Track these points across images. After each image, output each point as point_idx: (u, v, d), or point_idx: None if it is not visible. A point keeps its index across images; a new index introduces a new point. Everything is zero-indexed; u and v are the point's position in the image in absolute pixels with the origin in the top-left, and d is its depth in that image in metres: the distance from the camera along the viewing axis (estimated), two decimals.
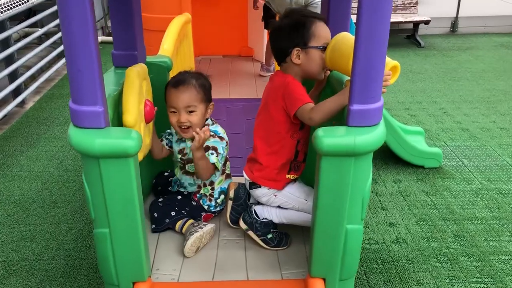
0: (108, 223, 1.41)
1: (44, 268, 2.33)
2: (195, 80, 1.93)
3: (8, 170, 3.24)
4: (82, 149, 1.31)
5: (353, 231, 1.46)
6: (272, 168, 1.85)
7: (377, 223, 2.67)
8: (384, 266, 2.34)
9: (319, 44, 1.76)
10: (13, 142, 3.65)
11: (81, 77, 1.25)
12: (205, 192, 2.07)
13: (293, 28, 1.76)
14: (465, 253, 2.42)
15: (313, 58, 1.77)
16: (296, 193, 1.89)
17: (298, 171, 1.90)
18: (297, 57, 1.76)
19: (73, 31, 1.21)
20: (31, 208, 2.82)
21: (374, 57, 1.26)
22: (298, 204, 1.89)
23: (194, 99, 1.91)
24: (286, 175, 1.87)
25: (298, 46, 1.75)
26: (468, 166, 3.27)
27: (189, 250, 1.82)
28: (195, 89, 1.92)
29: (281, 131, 1.80)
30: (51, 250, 2.46)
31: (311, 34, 1.74)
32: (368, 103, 1.32)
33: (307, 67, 1.79)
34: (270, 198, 1.90)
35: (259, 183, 1.88)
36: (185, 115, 1.91)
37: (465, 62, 5.62)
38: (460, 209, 2.79)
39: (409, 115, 4.13)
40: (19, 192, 2.98)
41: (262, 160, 1.85)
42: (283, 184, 1.88)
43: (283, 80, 1.79)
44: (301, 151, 1.87)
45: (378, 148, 1.40)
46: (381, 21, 1.22)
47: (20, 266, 2.35)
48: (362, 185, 1.40)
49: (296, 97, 1.71)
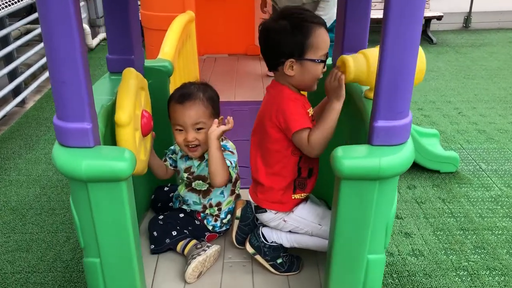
0: (99, 252, 1.26)
1: (40, 282, 2.21)
2: (202, 94, 1.74)
3: (6, 174, 3.12)
4: (67, 171, 1.16)
5: (375, 261, 1.31)
6: (276, 190, 1.67)
7: (392, 233, 2.51)
8: (400, 280, 2.19)
9: (316, 57, 1.54)
10: (12, 144, 3.53)
11: (65, 90, 1.10)
12: (211, 212, 1.92)
13: (290, 34, 1.51)
14: (486, 267, 2.27)
15: (308, 71, 1.55)
16: (308, 217, 1.70)
17: (304, 189, 1.71)
18: (290, 68, 1.55)
19: (54, 36, 1.05)
20: (28, 215, 2.69)
21: (402, 66, 1.10)
22: (311, 229, 1.71)
23: (202, 115, 1.73)
24: (292, 195, 1.69)
25: (293, 56, 1.53)
26: (486, 170, 3.11)
27: (191, 275, 1.67)
28: (203, 104, 1.73)
29: (280, 150, 1.62)
30: (47, 261, 2.33)
31: (309, 44, 1.51)
32: (395, 119, 1.16)
33: (300, 80, 1.58)
34: (279, 224, 1.73)
35: (264, 206, 1.70)
36: (193, 133, 1.74)
37: (479, 59, 5.44)
38: (479, 218, 2.63)
39: (423, 116, 3.96)
40: (16, 198, 2.86)
41: (263, 182, 1.68)
42: (291, 206, 1.70)
43: (278, 93, 1.59)
44: (304, 167, 1.67)
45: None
46: (412, 25, 1.06)
47: (15, 279, 2.23)
48: (386, 211, 1.25)
49: (294, 118, 1.53)
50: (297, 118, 1.53)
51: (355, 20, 1.66)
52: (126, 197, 1.21)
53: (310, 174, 1.70)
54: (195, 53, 3.27)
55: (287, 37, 1.51)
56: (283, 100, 1.56)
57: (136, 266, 1.31)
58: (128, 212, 1.23)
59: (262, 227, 1.78)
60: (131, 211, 1.26)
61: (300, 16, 1.55)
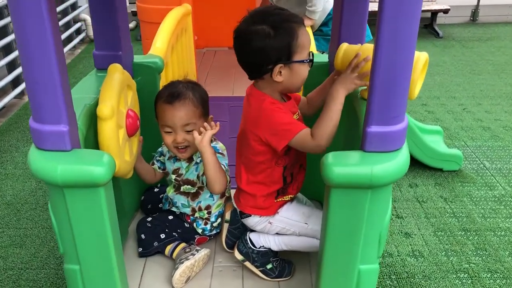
0: (78, 259, 1.21)
1: (32, 278, 2.18)
2: (192, 93, 1.66)
3: (2, 168, 3.09)
4: (42, 176, 1.10)
5: (368, 271, 1.25)
6: (259, 196, 1.60)
7: (392, 233, 2.46)
8: (399, 282, 2.14)
9: (304, 57, 1.44)
10: (9, 137, 3.50)
11: (39, 90, 1.04)
12: (200, 215, 1.86)
13: (275, 38, 1.38)
14: (487, 269, 2.21)
15: (296, 73, 1.45)
16: (294, 217, 1.64)
17: (286, 193, 1.65)
18: (278, 74, 1.44)
19: (25, 32, 0.98)
20: (22, 210, 2.66)
21: (398, 67, 1.02)
22: (298, 229, 1.65)
23: (192, 115, 1.65)
24: (275, 199, 1.63)
25: (281, 61, 1.41)
26: (490, 169, 3.04)
27: (178, 281, 1.62)
28: (193, 104, 1.65)
29: (263, 161, 1.54)
30: (40, 258, 2.30)
31: (296, 46, 1.41)
32: (390, 124, 1.09)
33: (288, 84, 1.48)
34: (265, 227, 1.67)
35: (247, 212, 1.64)
36: (182, 135, 1.66)
37: (486, 54, 5.33)
38: (482, 218, 2.57)
39: (427, 112, 3.89)
40: (12, 192, 2.83)
41: (246, 189, 1.61)
42: (275, 209, 1.64)
43: (259, 104, 1.47)
44: (288, 176, 1.60)
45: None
46: (409, 22, 0.98)
47: (7, 275, 2.20)
48: (379, 221, 1.19)
49: (284, 128, 1.42)
50: (288, 127, 1.43)
51: (352, 13, 1.58)
52: (104, 204, 1.15)
53: (292, 179, 1.64)
54: (191, 47, 3.19)
55: (273, 41, 1.39)
56: (265, 111, 1.45)
57: (117, 274, 1.26)
58: (107, 219, 1.17)
59: (249, 232, 1.73)
60: (111, 218, 1.20)
61: (279, 16, 1.43)
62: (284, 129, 1.42)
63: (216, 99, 2.69)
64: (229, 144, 2.77)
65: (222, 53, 4.56)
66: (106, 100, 1.29)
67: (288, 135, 1.41)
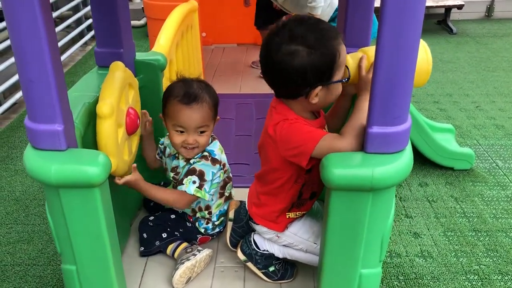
0: (75, 260, 1.21)
1: (39, 275, 2.19)
2: (208, 96, 1.64)
3: (12, 164, 3.11)
4: (37, 176, 1.10)
5: (369, 276, 1.22)
6: (271, 209, 1.56)
7: (400, 233, 2.43)
8: (406, 283, 2.11)
9: (342, 75, 1.35)
10: (20, 133, 3.52)
11: (33, 89, 1.02)
12: (202, 215, 1.84)
13: (317, 60, 1.26)
14: (498, 271, 2.16)
15: (332, 93, 1.36)
16: (304, 235, 1.59)
17: (301, 208, 1.58)
18: (315, 96, 1.33)
19: (18, 28, 0.96)
20: (31, 206, 2.68)
21: (400, 66, 0.98)
22: (305, 247, 1.61)
23: (207, 118, 1.63)
24: (287, 214, 1.57)
25: (321, 83, 1.31)
26: (503, 168, 2.98)
27: (178, 281, 1.61)
28: (209, 108, 1.63)
29: (282, 177, 1.47)
30: (47, 254, 2.31)
31: (337, 66, 1.30)
32: (392, 125, 1.05)
33: (321, 104, 1.38)
34: (272, 237, 1.64)
35: (257, 222, 1.61)
36: (194, 136, 1.64)
37: (501, 50, 5.23)
38: (493, 219, 2.52)
39: (438, 109, 3.82)
40: (21, 188, 2.85)
41: (260, 197, 1.57)
42: (284, 225, 1.59)
43: (281, 122, 1.37)
44: (306, 191, 1.53)
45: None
46: (412, 20, 0.95)
47: (15, 271, 2.21)
48: (381, 224, 1.15)
49: (304, 141, 1.31)
50: (308, 136, 1.32)
51: (357, 12, 1.53)
52: (100, 204, 1.14)
53: (312, 196, 1.57)
54: (197, 44, 3.17)
55: (314, 63, 1.27)
56: (285, 130, 1.36)
57: (114, 275, 1.25)
58: (103, 219, 1.16)
59: (254, 234, 1.71)
60: (107, 218, 1.19)
61: (320, 34, 1.29)
62: (304, 143, 1.32)
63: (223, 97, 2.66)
64: (235, 142, 2.75)
65: (231, 50, 4.54)
66: (106, 98, 1.27)
67: (308, 147, 1.30)
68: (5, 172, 3.02)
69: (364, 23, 1.53)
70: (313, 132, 1.33)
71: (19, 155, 3.21)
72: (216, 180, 1.72)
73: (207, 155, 1.69)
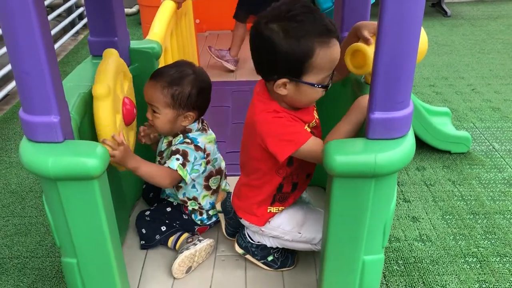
0: (75, 253, 1.19)
1: (38, 267, 2.18)
2: (169, 80, 1.61)
3: (6, 156, 3.08)
4: (34, 169, 1.08)
5: (372, 262, 1.22)
6: (251, 202, 1.53)
7: (399, 217, 2.43)
8: (406, 267, 2.12)
9: (317, 81, 1.25)
10: (13, 125, 3.49)
11: (28, 80, 1.00)
12: (192, 206, 1.83)
13: (287, 50, 1.19)
14: (496, 253, 2.18)
15: (303, 94, 1.29)
16: (286, 226, 1.56)
17: (284, 202, 1.55)
18: (282, 87, 1.28)
19: (11, 20, 0.93)
20: (27, 198, 2.66)
21: (403, 50, 0.96)
22: (291, 237, 1.59)
23: (156, 99, 1.62)
24: (268, 208, 1.53)
25: (287, 76, 1.25)
26: (500, 151, 2.98)
27: (177, 270, 1.60)
28: (160, 91, 1.61)
29: (262, 168, 1.43)
30: (46, 246, 2.30)
31: (311, 66, 1.22)
32: (394, 110, 1.03)
33: (293, 100, 1.32)
34: (258, 231, 1.63)
35: (239, 215, 1.58)
36: (150, 112, 1.66)
37: (495, 32, 5.21)
38: (491, 201, 2.53)
39: (434, 93, 3.81)
40: (16, 180, 2.82)
41: (241, 189, 1.55)
42: (265, 219, 1.55)
43: (262, 110, 1.33)
44: (287, 184, 1.49)
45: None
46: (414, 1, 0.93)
47: (13, 264, 2.20)
48: (384, 210, 1.15)
49: (287, 138, 1.27)
50: (292, 137, 1.28)
51: None
52: (99, 196, 1.12)
53: (293, 188, 1.53)
54: (192, 31, 3.13)
55: (282, 50, 1.20)
56: (268, 121, 1.31)
57: (115, 267, 1.24)
58: (103, 211, 1.15)
59: (247, 228, 1.69)
60: (107, 210, 1.18)
61: (301, 25, 1.19)
62: (288, 140, 1.28)
63: (218, 84, 2.63)
64: (232, 129, 2.73)
65: (225, 36, 4.48)
66: (102, 80, 1.25)
67: (290, 146, 1.27)
68: (0, 165, 2.99)
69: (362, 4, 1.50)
70: (298, 134, 1.29)
71: (14, 147, 3.18)
72: (197, 167, 1.68)
73: (189, 141, 1.67)
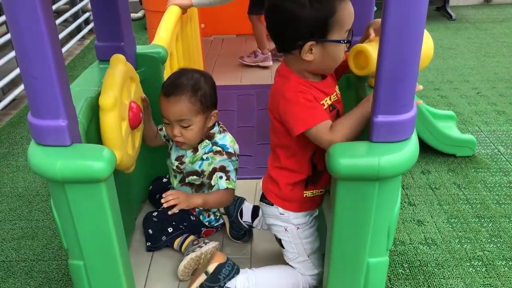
0: (82, 255, 1.21)
1: (44, 270, 2.19)
2: (191, 88, 1.59)
3: (14, 160, 3.11)
4: (42, 172, 1.09)
5: (376, 265, 1.22)
6: (284, 184, 1.47)
7: (404, 221, 2.43)
8: (411, 271, 2.12)
9: (341, 36, 1.28)
10: (21, 129, 3.52)
11: (37, 85, 1.02)
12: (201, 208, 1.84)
13: (310, 11, 1.22)
14: (502, 257, 2.17)
15: (330, 54, 1.29)
16: (306, 245, 1.53)
17: (317, 183, 1.48)
18: (309, 52, 1.28)
19: (20, 26, 0.95)
20: (34, 202, 2.68)
21: (406, 53, 0.97)
22: (298, 254, 1.56)
23: (187, 112, 1.60)
24: (304, 193, 1.47)
25: (313, 38, 1.25)
26: (505, 154, 2.98)
27: (183, 272, 1.62)
28: (188, 101, 1.58)
29: (290, 144, 1.40)
30: (52, 249, 2.32)
31: (334, 22, 1.24)
32: (398, 113, 1.04)
33: (319, 65, 1.32)
34: (276, 227, 1.56)
35: (269, 199, 1.51)
36: (178, 128, 1.63)
37: (500, 36, 5.20)
38: (496, 205, 2.52)
39: (439, 96, 3.81)
40: (23, 184, 2.85)
41: (271, 172, 1.50)
42: (300, 205, 1.49)
43: (283, 83, 1.33)
44: (320, 161, 1.42)
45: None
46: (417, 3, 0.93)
47: (20, 267, 2.22)
48: (388, 213, 1.15)
49: (302, 116, 1.27)
50: (304, 117, 1.27)
51: None
52: (106, 199, 1.14)
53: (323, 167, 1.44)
54: (197, 36, 3.15)
55: (306, 14, 1.22)
56: (285, 94, 1.31)
57: (122, 269, 1.25)
58: (110, 214, 1.16)
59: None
60: (113, 213, 1.19)
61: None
62: (302, 118, 1.28)
63: (223, 88, 2.65)
64: (238, 133, 2.74)
65: (230, 41, 4.51)
66: (109, 91, 1.27)
67: (304, 123, 1.27)
68: (7, 168, 3.01)
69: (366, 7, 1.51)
70: (314, 112, 1.29)
71: (21, 151, 3.21)
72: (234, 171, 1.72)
73: (220, 150, 1.67)
